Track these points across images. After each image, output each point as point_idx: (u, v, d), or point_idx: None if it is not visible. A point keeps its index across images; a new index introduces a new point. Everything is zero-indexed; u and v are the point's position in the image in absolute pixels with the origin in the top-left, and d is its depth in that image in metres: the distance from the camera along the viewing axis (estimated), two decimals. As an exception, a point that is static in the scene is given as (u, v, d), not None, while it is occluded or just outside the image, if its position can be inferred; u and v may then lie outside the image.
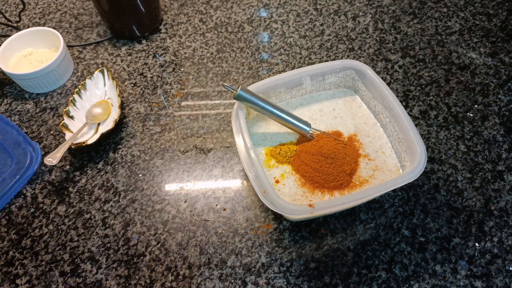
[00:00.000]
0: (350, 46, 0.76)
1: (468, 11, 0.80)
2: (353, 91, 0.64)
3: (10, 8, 0.87)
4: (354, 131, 0.60)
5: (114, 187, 0.60)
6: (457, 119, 0.65)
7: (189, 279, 0.52)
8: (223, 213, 0.57)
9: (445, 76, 0.71)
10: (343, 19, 0.80)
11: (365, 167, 0.56)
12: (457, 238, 0.54)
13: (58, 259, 0.54)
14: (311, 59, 0.74)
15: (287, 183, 0.54)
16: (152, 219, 0.57)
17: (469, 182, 0.59)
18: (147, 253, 0.54)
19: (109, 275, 0.53)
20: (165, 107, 0.69)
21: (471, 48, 0.74)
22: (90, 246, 0.55)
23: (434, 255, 0.53)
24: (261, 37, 0.78)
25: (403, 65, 0.72)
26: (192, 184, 0.60)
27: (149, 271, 0.53)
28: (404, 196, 0.58)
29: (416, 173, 0.49)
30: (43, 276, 0.53)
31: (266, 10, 0.83)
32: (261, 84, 0.58)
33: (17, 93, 0.72)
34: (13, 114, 0.70)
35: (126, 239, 0.55)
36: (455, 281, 0.51)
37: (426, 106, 0.67)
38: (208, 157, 0.63)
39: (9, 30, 0.82)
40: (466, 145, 0.62)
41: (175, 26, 0.81)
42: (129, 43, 0.78)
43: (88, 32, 0.81)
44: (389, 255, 0.53)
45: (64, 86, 0.73)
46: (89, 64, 0.76)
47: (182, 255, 0.54)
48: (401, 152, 0.55)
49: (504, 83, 0.69)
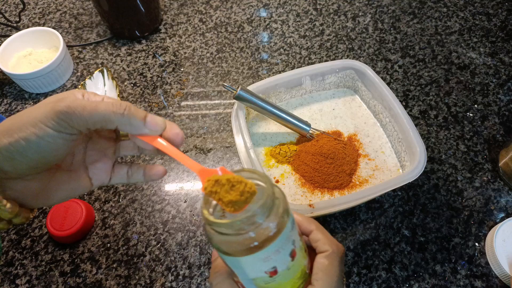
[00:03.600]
0: (350, 46, 0.76)
1: (468, 11, 0.80)
2: (353, 91, 0.64)
3: (10, 8, 0.87)
4: (354, 131, 0.60)
5: (114, 187, 0.60)
6: (457, 119, 0.65)
7: (189, 279, 0.52)
8: (223, 213, 0.57)
9: (445, 76, 0.71)
10: (343, 19, 0.80)
11: (365, 167, 0.56)
12: (457, 238, 0.54)
13: (58, 259, 0.54)
14: (311, 59, 0.74)
15: (287, 183, 0.54)
16: (152, 219, 0.57)
17: (469, 182, 0.59)
18: (147, 253, 0.54)
19: (109, 275, 0.53)
20: (165, 107, 0.69)
21: (471, 48, 0.74)
22: (90, 246, 0.55)
23: (434, 255, 0.53)
24: (261, 37, 0.78)
25: (403, 65, 0.72)
26: (192, 184, 0.60)
27: (149, 271, 0.53)
28: (404, 196, 0.58)
29: (416, 173, 0.49)
30: (43, 276, 0.53)
31: (266, 10, 0.83)
32: (261, 84, 0.58)
33: (16, 93, 0.72)
34: (13, 114, 0.69)
35: (126, 239, 0.55)
36: (455, 281, 0.51)
37: (426, 106, 0.67)
38: (208, 157, 0.63)
39: (9, 30, 0.82)
40: (466, 145, 0.62)
41: (175, 26, 0.81)
42: (129, 43, 0.78)
43: (87, 32, 0.81)
44: (389, 255, 0.53)
45: (63, 86, 0.73)
46: (89, 64, 0.76)
47: (182, 255, 0.54)
48: (401, 152, 0.55)
49: (504, 83, 0.69)
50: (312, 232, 0.30)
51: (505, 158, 0.58)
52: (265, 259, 0.25)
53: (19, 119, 0.26)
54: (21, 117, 0.26)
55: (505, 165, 0.58)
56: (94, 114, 0.26)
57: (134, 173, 0.33)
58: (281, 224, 0.25)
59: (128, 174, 0.33)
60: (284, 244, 0.26)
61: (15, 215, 0.27)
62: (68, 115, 0.25)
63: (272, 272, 0.26)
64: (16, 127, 0.25)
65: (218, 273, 0.30)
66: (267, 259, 0.25)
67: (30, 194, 0.28)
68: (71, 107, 0.25)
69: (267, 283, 0.27)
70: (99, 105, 0.26)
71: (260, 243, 0.24)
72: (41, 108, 0.25)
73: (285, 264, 0.27)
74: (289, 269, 0.27)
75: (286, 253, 0.26)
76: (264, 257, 0.25)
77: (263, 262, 0.25)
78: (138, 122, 0.28)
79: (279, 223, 0.25)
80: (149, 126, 0.28)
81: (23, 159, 0.26)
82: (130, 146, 0.33)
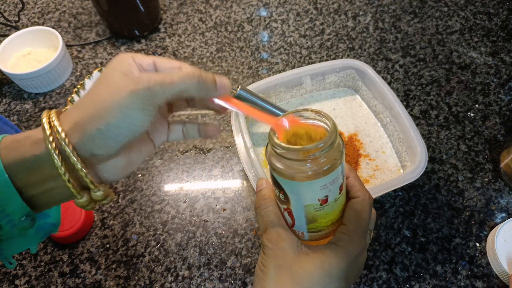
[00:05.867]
0: (351, 46, 0.75)
1: (469, 10, 0.80)
2: (353, 91, 0.64)
3: (9, 8, 0.86)
4: (355, 130, 0.60)
5: (113, 187, 0.60)
6: (457, 119, 0.65)
7: (189, 279, 0.52)
8: (222, 214, 0.57)
9: (446, 75, 0.70)
10: (344, 18, 0.80)
11: (366, 167, 0.56)
12: (458, 238, 0.54)
13: (57, 260, 0.54)
14: (311, 59, 0.74)
15: (287, 183, 0.54)
16: (152, 220, 0.57)
17: (470, 182, 0.58)
18: (146, 254, 0.54)
19: (109, 275, 0.52)
20: (165, 107, 0.69)
21: (472, 47, 0.74)
22: (89, 247, 0.55)
23: (435, 256, 0.53)
24: (261, 36, 0.78)
25: (404, 65, 0.72)
26: (192, 184, 0.60)
27: (149, 272, 0.53)
28: (404, 196, 0.57)
29: (416, 173, 0.49)
30: (42, 276, 0.53)
31: (266, 9, 0.82)
32: (261, 83, 0.58)
33: (16, 93, 0.72)
34: (12, 114, 0.69)
35: (125, 239, 0.55)
36: (456, 281, 0.51)
37: (426, 106, 0.67)
38: (208, 157, 0.62)
39: (8, 30, 0.82)
40: (467, 145, 0.62)
41: (174, 25, 0.81)
42: (128, 43, 0.78)
43: (87, 32, 0.81)
44: (389, 255, 0.53)
45: (63, 85, 0.73)
46: (88, 63, 0.76)
47: (181, 255, 0.54)
48: (402, 152, 0.55)
49: (505, 82, 0.69)
50: (350, 178, 0.33)
51: (506, 159, 0.58)
52: (323, 186, 0.29)
53: (103, 106, 0.26)
54: (104, 103, 0.26)
55: (506, 166, 0.57)
56: (172, 88, 0.27)
57: (189, 130, 0.35)
58: (341, 157, 0.29)
59: (183, 131, 0.35)
60: (339, 176, 0.29)
61: (105, 197, 0.29)
62: (148, 95, 0.27)
63: (324, 200, 0.30)
64: (103, 113, 0.26)
65: (266, 200, 0.34)
66: (324, 187, 0.29)
67: (118, 170, 0.30)
68: (150, 87, 0.27)
69: (316, 210, 0.30)
70: (174, 79, 0.28)
71: (325, 170, 0.28)
72: (122, 92, 0.26)
73: (335, 195, 0.30)
74: (335, 200, 0.31)
75: (338, 185, 0.30)
76: (323, 185, 0.29)
77: (320, 189, 0.29)
78: (211, 87, 0.30)
79: (340, 156, 0.28)
80: (220, 89, 0.30)
81: (115, 141, 0.27)
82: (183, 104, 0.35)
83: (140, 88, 0.26)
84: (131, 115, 0.27)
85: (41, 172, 0.27)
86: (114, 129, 0.27)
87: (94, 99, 0.27)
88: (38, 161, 0.26)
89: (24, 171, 0.27)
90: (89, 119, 0.26)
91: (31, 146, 0.27)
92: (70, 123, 0.27)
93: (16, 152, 0.26)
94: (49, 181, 0.27)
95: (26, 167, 0.26)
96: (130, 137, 0.28)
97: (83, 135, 0.26)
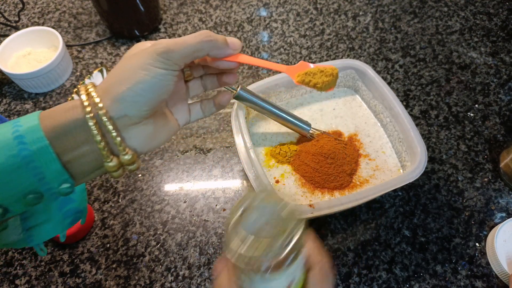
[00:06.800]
0: (351, 46, 0.75)
1: (469, 11, 0.80)
2: (353, 91, 0.64)
3: (9, 8, 0.86)
4: (355, 131, 0.60)
5: (113, 187, 0.60)
6: (457, 119, 0.65)
7: (189, 279, 0.52)
8: (222, 214, 0.57)
9: (446, 75, 0.70)
10: (343, 18, 0.80)
11: (366, 167, 0.56)
12: (458, 238, 0.54)
13: (58, 260, 0.54)
14: (311, 59, 0.74)
15: (287, 183, 0.54)
16: (152, 220, 0.57)
17: (469, 182, 0.58)
18: (146, 254, 0.54)
19: (109, 275, 0.53)
20: (165, 106, 0.69)
21: (472, 47, 0.74)
22: (90, 247, 0.55)
23: (435, 255, 0.53)
24: (261, 36, 0.78)
25: (404, 65, 0.72)
26: (192, 184, 0.60)
27: (149, 272, 0.53)
28: (404, 196, 0.57)
29: (416, 173, 0.49)
30: (42, 276, 0.53)
31: (266, 9, 0.82)
32: (261, 83, 0.58)
33: (16, 93, 0.72)
34: (12, 114, 0.69)
35: (125, 239, 0.55)
36: (456, 281, 0.51)
37: (426, 106, 0.67)
38: (208, 157, 0.62)
39: (8, 30, 0.82)
40: (466, 145, 0.62)
41: (174, 25, 0.81)
42: (129, 43, 0.78)
43: (87, 32, 0.81)
44: (389, 255, 0.53)
45: (63, 86, 0.73)
46: (88, 63, 0.76)
47: (181, 255, 0.54)
48: (402, 152, 0.55)
49: (505, 82, 0.69)
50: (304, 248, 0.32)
51: (506, 159, 0.58)
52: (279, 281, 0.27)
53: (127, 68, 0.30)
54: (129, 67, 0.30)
55: (506, 166, 0.57)
56: (187, 47, 0.31)
57: (206, 107, 0.39)
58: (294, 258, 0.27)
59: (202, 109, 0.39)
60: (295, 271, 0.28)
61: (132, 163, 0.31)
62: (168, 53, 0.30)
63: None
64: (128, 74, 0.29)
65: None
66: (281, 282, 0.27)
67: (144, 138, 0.32)
68: (168, 46, 0.30)
69: None
70: (186, 39, 0.31)
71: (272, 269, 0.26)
72: (144, 54, 0.30)
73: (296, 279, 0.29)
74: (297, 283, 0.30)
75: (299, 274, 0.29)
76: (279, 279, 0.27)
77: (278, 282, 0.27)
78: (223, 44, 0.33)
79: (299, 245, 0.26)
80: (232, 46, 0.34)
81: (144, 100, 0.30)
82: (196, 85, 0.39)
83: (160, 47, 0.30)
84: (155, 72, 0.29)
85: (75, 136, 0.29)
86: (142, 85, 0.29)
87: (118, 70, 0.30)
88: (73, 125, 0.29)
89: (61, 136, 0.29)
90: (118, 83, 0.29)
91: (66, 113, 0.29)
92: (100, 91, 0.29)
93: (52, 119, 0.29)
94: (83, 146, 0.29)
95: (62, 132, 0.29)
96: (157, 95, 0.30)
97: (114, 97, 0.29)
